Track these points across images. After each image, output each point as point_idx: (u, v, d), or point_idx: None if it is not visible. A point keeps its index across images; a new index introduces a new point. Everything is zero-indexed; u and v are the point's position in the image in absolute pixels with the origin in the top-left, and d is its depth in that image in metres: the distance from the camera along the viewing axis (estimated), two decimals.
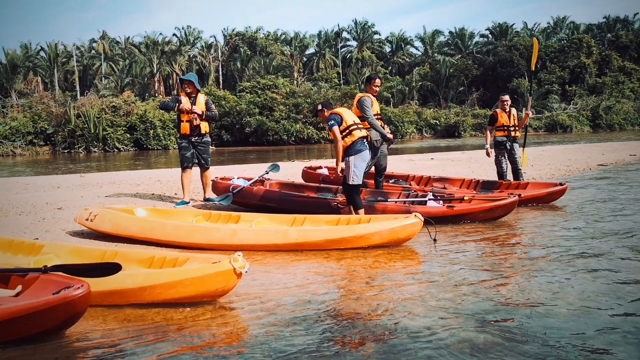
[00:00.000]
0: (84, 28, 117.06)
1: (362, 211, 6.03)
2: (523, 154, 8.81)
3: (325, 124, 6.20)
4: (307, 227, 5.36)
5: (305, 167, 9.28)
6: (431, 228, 5.46)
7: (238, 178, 7.62)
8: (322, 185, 7.64)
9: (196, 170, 7.75)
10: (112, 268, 3.32)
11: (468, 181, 8.58)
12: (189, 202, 7.63)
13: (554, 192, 7.77)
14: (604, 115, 47.81)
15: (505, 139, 8.62)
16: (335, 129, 5.87)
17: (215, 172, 12.71)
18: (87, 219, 5.59)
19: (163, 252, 4.19)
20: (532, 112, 9.17)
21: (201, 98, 7.53)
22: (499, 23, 68.17)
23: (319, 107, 6.22)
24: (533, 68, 9.24)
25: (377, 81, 7.66)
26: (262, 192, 6.98)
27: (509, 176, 8.80)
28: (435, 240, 5.50)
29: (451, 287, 4.01)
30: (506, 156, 8.64)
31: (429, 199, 6.80)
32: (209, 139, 7.80)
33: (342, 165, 5.95)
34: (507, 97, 8.79)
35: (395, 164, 14.39)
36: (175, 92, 50.24)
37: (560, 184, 7.88)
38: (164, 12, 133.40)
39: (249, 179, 7.54)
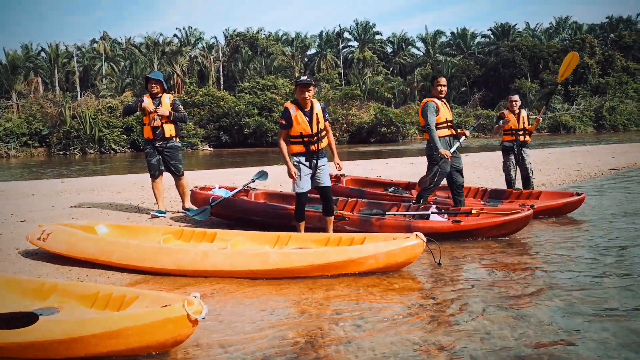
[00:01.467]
0: (88, 29, 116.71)
1: (301, 225, 5.39)
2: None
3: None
4: (290, 250, 4.61)
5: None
6: (434, 248, 4.72)
7: (220, 188, 6.88)
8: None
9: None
10: (27, 318, 2.59)
11: (475, 190, 7.84)
12: (165, 213, 6.92)
13: (570, 203, 7.03)
14: (607, 116, 47.10)
15: (513, 144, 7.88)
16: None
17: (204, 176, 12.03)
18: (39, 238, 4.86)
19: (110, 287, 3.45)
20: (544, 117, 8.35)
21: (166, 98, 6.83)
22: (501, 23, 67.49)
23: None
24: (560, 80, 8.33)
25: (442, 80, 6.38)
26: (245, 203, 6.24)
27: (518, 184, 8.07)
28: (439, 264, 4.76)
29: (460, 332, 3.27)
30: (514, 163, 7.90)
31: (432, 212, 6.06)
32: (178, 144, 7.06)
33: None
34: (516, 98, 8.02)
35: (396, 168, 13.65)
36: (175, 92, 49.59)
37: (577, 194, 7.13)
38: (167, 14, 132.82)
39: (231, 189, 6.80)
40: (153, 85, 6.75)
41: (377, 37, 68.36)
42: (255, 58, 56.02)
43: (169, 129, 6.82)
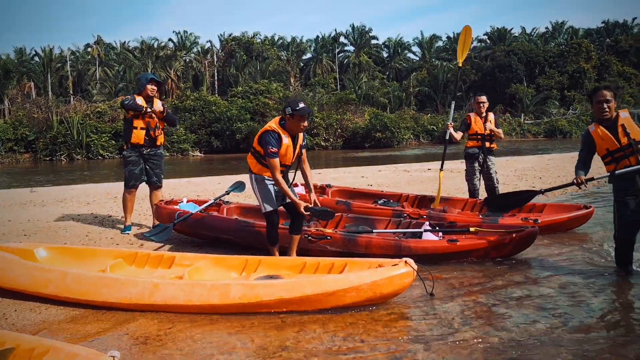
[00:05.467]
0: (82, 34, 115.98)
1: (275, 249, 4.73)
2: (440, 177, 7.22)
3: None
4: (255, 282, 3.90)
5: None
6: (426, 275, 4.04)
7: (188, 201, 6.19)
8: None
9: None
10: None
11: (472, 202, 7.17)
12: (130, 229, 6.24)
13: (578, 217, 6.37)
14: None
15: (477, 150, 7.19)
16: None
17: (187, 185, 11.33)
18: None
19: (18, 337, 2.74)
20: (453, 123, 7.50)
21: (158, 103, 6.20)
22: (497, 28, 67.17)
23: None
24: (461, 62, 7.30)
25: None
26: (214, 220, 5.53)
27: (482, 194, 7.36)
28: (432, 295, 4.08)
29: None
30: (478, 171, 7.22)
31: (425, 230, 5.38)
32: (163, 152, 6.47)
33: None
34: (484, 98, 7.26)
35: (389, 176, 12.98)
36: (170, 97, 48.92)
37: (586, 207, 6.48)
38: (162, 18, 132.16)
39: (201, 203, 6.11)
40: (154, 87, 6.09)
41: (373, 41, 67.89)
42: (251, 62, 55.40)
43: (161, 137, 6.28)
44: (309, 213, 4.52)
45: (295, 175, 4.96)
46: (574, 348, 3.12)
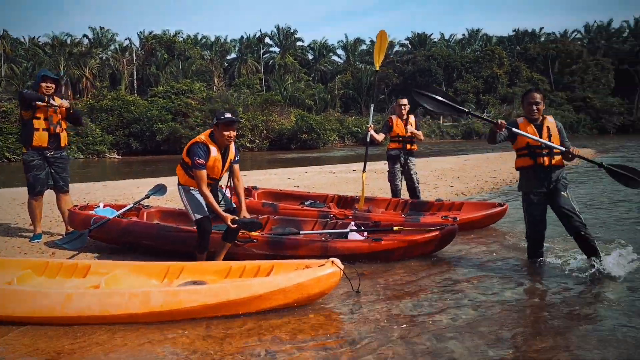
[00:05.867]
0: None
1: (203, 257, 4.62)
2: (363, 178, 7.29)
3: None
4: (178, 288, 3.76)
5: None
6: (352, 275, 4.08)
7: (105, 206, 5.87)
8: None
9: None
10: None
11: (395, 201, 7.35)
12: (41, 237, 5.82)
13: (494, 214, 6.71)
14: None
15: (399, 152, 7.41)
16: None
17: (102, 189, 10.77)
18: None
19: None
20: (374, 125, 7.60)
21: (61, 101, 5.80)
22: (417, 33, 69.68)
23: None
24: (378, 66, 7.52)
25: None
26: (134, 225, 5.27)
27: (405, 194, 7.63)
28: (358, 292, 4.13)
29: None
30: (400, 172, 7.44)
31: (351, 230, 5.44)
32: (67, 153, 6.07)
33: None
34: (405, 101, 7.46)
35: (315, 177, 13.06)
36: (85, 96, 46.43)
37: (500, 204, 6.85)
38: (77, 13, 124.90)
39: (119, 207, 5.82)
40: (49, 85, 5.63)
41: (299, 43, 68.22)
42: (172, 62, 53.76)
43: (65, 137, 5.86)
44: (236, 225, 4.44)
45: (225, 189, 4.80)
46: (493, 339, 3.26)
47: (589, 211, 7.51)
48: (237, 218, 4.46)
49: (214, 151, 4.41)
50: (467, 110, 5.17)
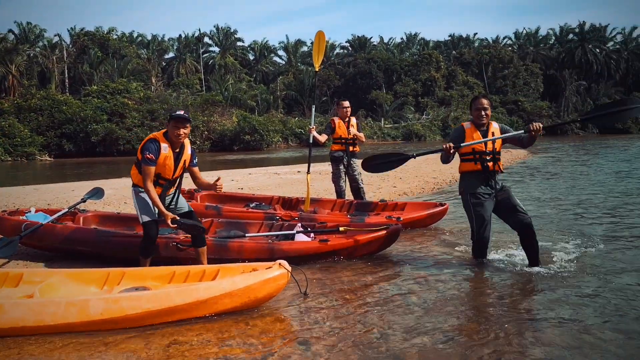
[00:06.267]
0: None
1: (147, 261, 4.50)
2: (308, 180, 7.36)
3: None
4: (119, 295, 3.61)
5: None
6: (299, 276, 4.07)
7: (37, 211, 5.55)
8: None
9: None
10: None
11: (340, 202, 7.41)
12: None
13: (435, 214, 6.89)
14: (452, 125, 51.60)
15: (342, 153, 7.50)
16: None
17: (35, 194, 10.20)
18: None
19: None
20: (316, 126, 7.66)
21: None
22: (357, 36, 70.72)
23: None
24: (317, 68, 7.60)
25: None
26: (69, 230, 5.01)
27: (349, 195, 7.74)
28: (306, 294, 4.11)
29: None
30: (343, 173, 7.51)
31: (298, 232, 5.43)
32: None
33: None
34: (347, 104, 7.54)
35: (260, 179, 12.96)
36: (11, 95, 43.80)
37: (441, 204, 7.05)
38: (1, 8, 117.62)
39: (53, 212, 5.52)
40: None
41: (239, 43, 67.52)
42: (107, 60, 51.70)
43: None
44: (175, 225, 4.32)
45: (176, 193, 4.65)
46: (439, 334, 3.33)
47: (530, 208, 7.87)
48: (177, 218, 4.35)
49: (165, 148, 4.35)
50: (413, 154, 5.31)
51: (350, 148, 7.48)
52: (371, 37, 72.32)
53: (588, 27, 67.60)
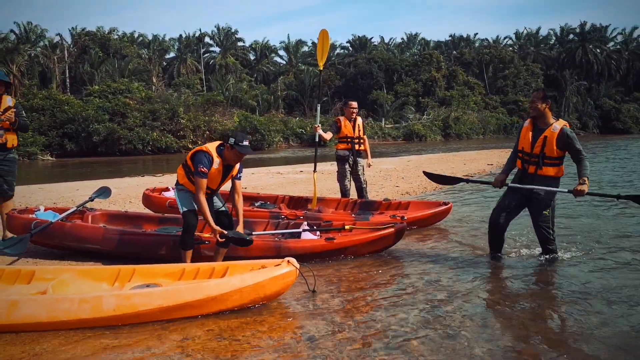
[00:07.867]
0: None
1: (187, 253, 4.63)
2: (314, 178, 7.44)
3: None
4: (131, 291, 3.67)
5: (147, 190, 7.14)
6: (307, 274, 4.13)
7: (46, 210, 5.61)
8: (165, 215, 5.92)
9: None
10: None
11: (345, 201, 7.46)
12: None
13: (439, 213, 6.95)
14: (453, 125, 51.67)
15: (347, 152, 7.53)
16: None
17: (40, 193, 10.24)
18: None
19: None
20: (320, 125, 7.72)
21: (8, 100, 5.51)
22: (358, 36, 70.73)
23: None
24: (322, 65, 7.67)
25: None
26: (78, 229, 5.07)
27: (353, 194, 7.78)
28: (314, 291, 4.17)
29: None
30: (348, 172, 7.54)
31: (304, 230, 5.48)
32: (16, 155, 5.76)
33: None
34: (355, 104, 7.63)
35: (263, 179, 13.02)
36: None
37: (444, 203, 7.10)
38: (1, 6, 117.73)
39: (62, 210, 5.58)
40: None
41: (240, 43, 67.53)
42: (108, 60, 51.76)
43: (12, 138, 5.58)
44: (224, 240, 4.52)
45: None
46: (446, 331, 3.39)
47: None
48: (225, 232, 4.52)
49: (217, 163, 4.51)
50: (466, 179, 5.88)
51: (356, 147, 7.52)
52: (372, 37, 72.43)
53: (589, 27, 67.68)
